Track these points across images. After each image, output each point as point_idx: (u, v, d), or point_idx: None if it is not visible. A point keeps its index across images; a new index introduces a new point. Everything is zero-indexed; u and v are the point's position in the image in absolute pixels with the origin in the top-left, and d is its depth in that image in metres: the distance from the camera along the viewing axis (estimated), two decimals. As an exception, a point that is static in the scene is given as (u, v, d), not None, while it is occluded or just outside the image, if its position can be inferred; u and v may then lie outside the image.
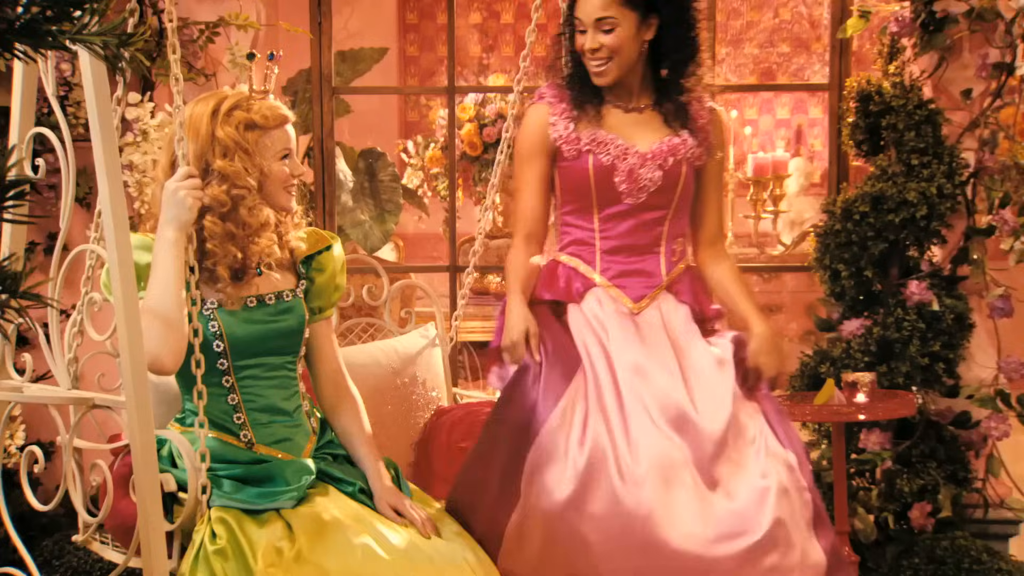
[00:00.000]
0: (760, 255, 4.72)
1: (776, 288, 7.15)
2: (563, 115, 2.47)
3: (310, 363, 2.44)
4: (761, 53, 6.52)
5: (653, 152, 2.45)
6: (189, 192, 2.19)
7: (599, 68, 2.43)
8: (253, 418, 2.31)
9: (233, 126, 2.26)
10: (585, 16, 2.42)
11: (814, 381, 3.41)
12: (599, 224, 2.49)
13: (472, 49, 7.63)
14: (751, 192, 4.18)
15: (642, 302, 2.47)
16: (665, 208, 2.49)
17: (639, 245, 2.49)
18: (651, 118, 2.50)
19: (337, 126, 4.71)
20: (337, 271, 2.44)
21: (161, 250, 2.18)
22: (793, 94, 7.53)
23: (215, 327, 2.26)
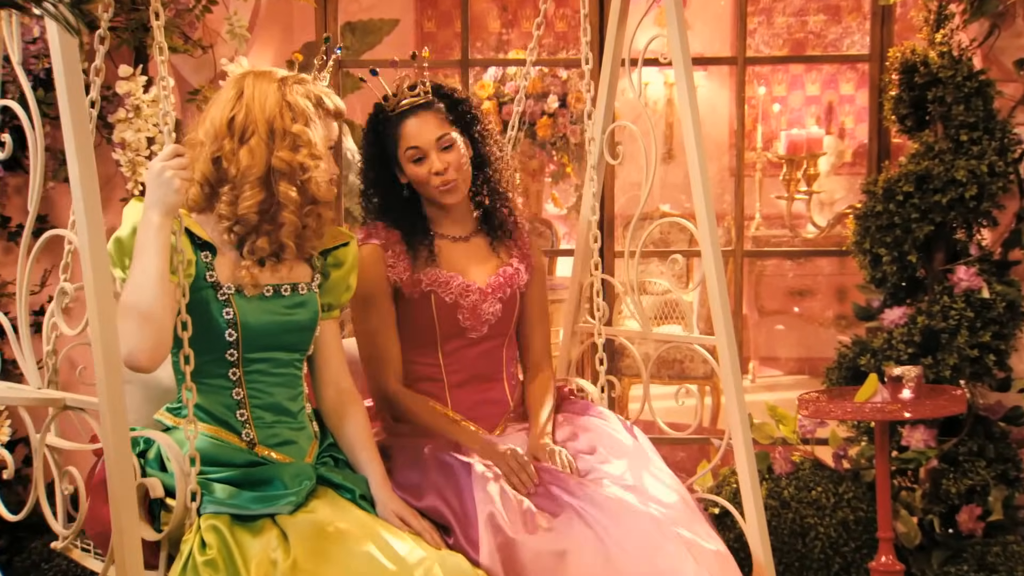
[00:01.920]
0: (794, 238, 4.48)
1: (807, 271, 6.93)
2: (400, 257, 2.47)
3: (313, 363, 2.31)
4: (795, 22, 6.25)
5: (492, 286, 2.51)
6: (177, 172, 2.00)
7: (449, 185, 2.44)
8: (257, 416, 2.17)
9: (304, 96, 2.15)
10: (423, 141, 2.43)
11: (853, 373, 3.21)
12: (444, 359, 2.51)
13: (491, 24, 7.44)
14: (784, 172, 3.96)
15: (496, 430, 2.51)
16: (503, 336, 2.55)
17: (483, 374, 2.53)
18: (478, 246, 2.55)
19: (347, 103, 4.52)
20: (352, 268, 2.33)
21: (144, 235, 1.99)
22: (824, 69, 7.31)
23: (230, 314, 2.12)
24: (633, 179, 5.92)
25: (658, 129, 7.21)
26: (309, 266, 2.26)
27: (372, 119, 2.51)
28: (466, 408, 2.51)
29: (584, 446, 2.44)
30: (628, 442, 2.44)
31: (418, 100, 2.44)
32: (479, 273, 2.52)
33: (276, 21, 4.28)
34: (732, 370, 2.65)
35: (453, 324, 2.48)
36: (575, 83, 5.88)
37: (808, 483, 3.20)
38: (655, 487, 2.29)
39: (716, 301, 2.62)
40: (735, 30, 6.90)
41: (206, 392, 2.14)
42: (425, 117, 2.43)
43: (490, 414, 2.53)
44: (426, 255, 2.48)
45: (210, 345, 2.12)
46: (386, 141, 2.47)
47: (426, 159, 2.42)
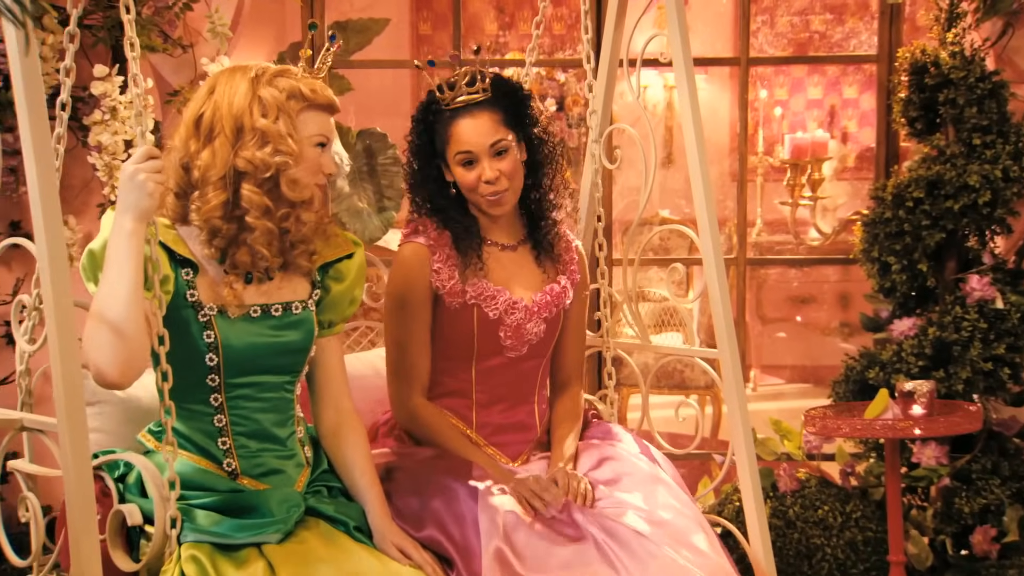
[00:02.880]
0: (799, 246, 4.36)
1: (809, 277, 6.80)
2: (447, 262, 2.29)
3: (312, 382, 2.17)
4: (799, 22, 6.12)
5: (539, 304, 2.35)
6: (150, 175, 1.85)
7: (498, 197, 2.28)
8: (240, 444, 2.03)
9: (278, 89, 1.98)
10: (476, 145, 2.25)
11: (861, 387, 3.10)
12: (476, 376, 2.34)
13: (488, 27, 7.33)
14: (788, 176, 3.84)
15: (519, 459, 2.35)
16: (542, 357, 2.40)
17: (515, 396, 2.38)
18: (525, 257, 2.39)
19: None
20: (355, 282, 2.16)
21: (115, 243, 1.85)
22: (828, 72, 7.19)
23: (210, 337, 1.98)
24: (632, 184, 5.82)
25: (657, 133, 7.11)
26: (308, 281, 2.11)
27: (423, 109, 2.31)
28: (490, 432, 2.34)
29: (607, 475, 2.27)
30: (646, 468, 2.28)
31: (475, 97, 2.25)
32: (525, 288, 2.35)
33: (267, 20, 4.15)
34: (735, 384, 2.53)
35: (493, 341, 2.31)
36: (572, 86, 5.77)
37: (814, 501, 3.08)
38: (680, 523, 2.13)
39: (719, 313, 2.49)
40: (736, 31, 6.79)
41: (186, 418, 2.01)
42: (481, 118, 2.24)
43: (515, 441, 2.36)
44: (475, 263, 2.29)
45: (190, 369, 1.98)
46: (435, 136, 2.29)
47: (477, 164, 2.25)
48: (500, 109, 2.28)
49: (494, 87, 2.28)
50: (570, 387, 2.47)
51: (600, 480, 2.25)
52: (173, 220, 2.02)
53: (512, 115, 2.30)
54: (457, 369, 2.33)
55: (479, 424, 2.34)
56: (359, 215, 3.40)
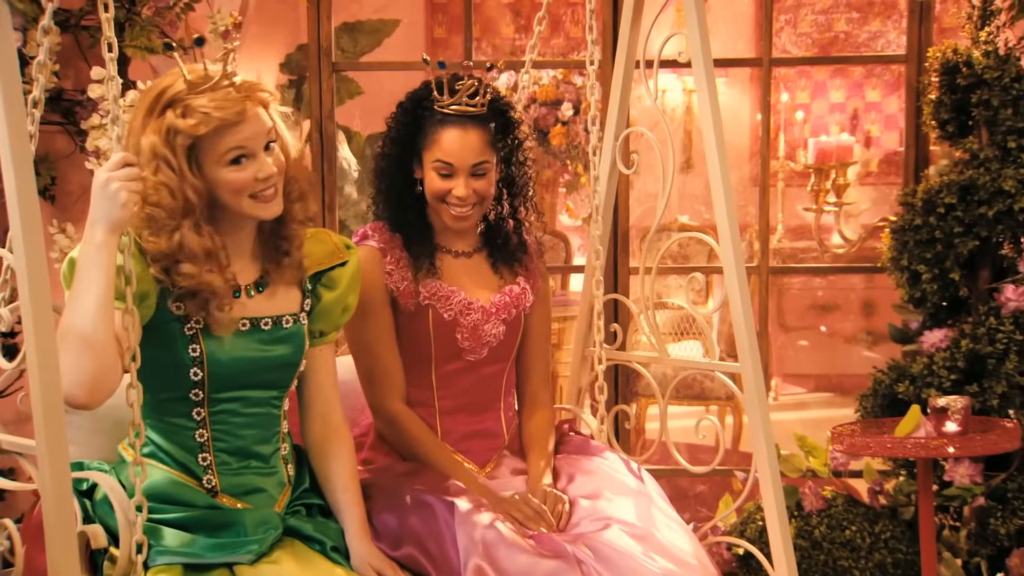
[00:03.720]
0: (823, 253, 4.22)
1: (832, 284, 6.67)
2: (399, 264, 2.25)
3: (301, 392, 2.08)
4: (823, 20, 5.98)
5: (496, 306, 2.30)
6: (123, 184, 1.75)
7: (465, 213, 2.23)
8: (221, 461, 1.95)
9: (158, 133, 1.85)
10: (460, 160, 2.20)
11: (889, 401, 2.97)
12: (437, 382, 2.28)
13: (504, 30, 7.23)
14: (812, 182, 3.71)
15: (487, 466, 2.30)
16: (504, 361, 2.34)
17: (478, 403, 2.32)
18: (480, 264, 2.34)
19: (347, 110, 4.29)
20: (349, 289, 2.08)
21: (86, 255, 1.75)
22: (850, 75, 7.05)
23: (196, 351, 1.89)
24: (650, 189, 5.69)
25: (676, 137, 6.98)
26: (299, 290, 2.02)
27: (414, 99, 2.24)
28: (456, 439, 2.29)
29: (585, 490, 2.19)
30: (632, 484, 2.19)
31: (471, 111, 2.20)
32: (482, 291, 2.31)
33: (278, 21, 4.05)
34: (758, 400, 2.41)
35: (450, 344, 2.26)
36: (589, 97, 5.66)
37: (841, 521, 2.95)
38: (665, 536, 2.05)
39: (741, 325, 2.37)
40: (756, 31, 6.68)
41: (166, 432, 1.94)
42: (471, 133, 2.19)
43: (482, 448, 2.31)
44: (427, 266, 2.26)
45: (173, 382, 1.91)
46: (418, 132, 2.22)
47: (453, 177, 2.20)
48: (490, 128, 2.22)
49: (491, 105, 2.22)
50: (538, 400, 2.40)
51: (581, 494, 2.18)
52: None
53: (499, 135, 2.25)
54: (417, 375, 2.28)
55: (444, 431, 2.28)
56: (366, 220, 3.31)
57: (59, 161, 2.92)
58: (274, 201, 1.92)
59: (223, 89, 1.86)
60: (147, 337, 1.84)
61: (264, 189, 1.89)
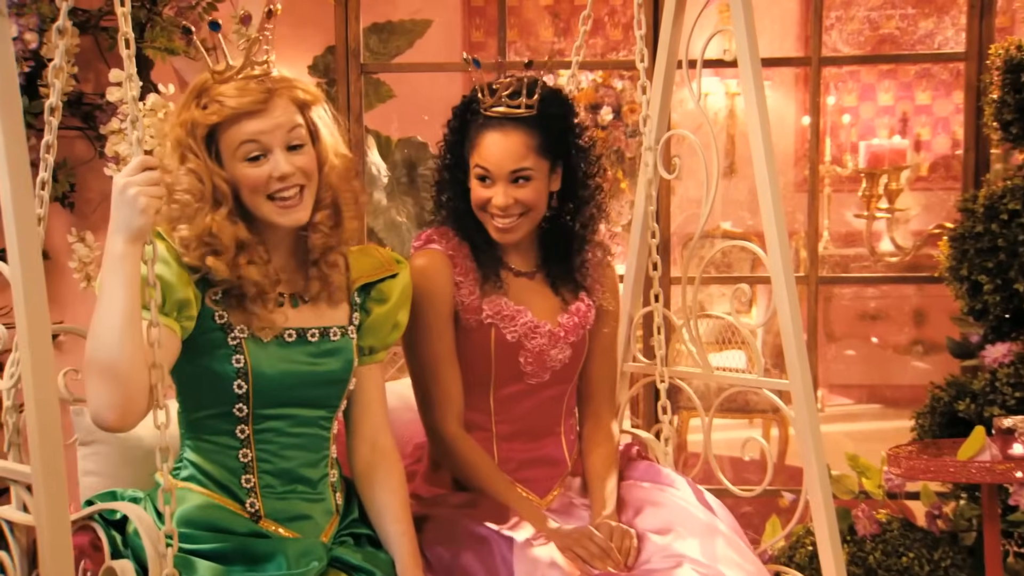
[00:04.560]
0: (876, 262, 4.05)
1: (881, 292, 6.48)
2: (467, 275, 2.09)
3: (349, 415, 1.96)
4: (877, 16, 5.78)
5: (565, 328, 2.14)
6: (143, 189, 1.63)
7: (507, 224, 2.06)
8: (266, 484, 1.84)
9: (183, 125, 1.79)
10: (495, 165, 2.03)
11: (949, 420, 2.81)
12: (495, 405, 2.12)
13: (543, 33, 7.13)
14: (863, 187, 3.55)
15: (549, 496, 2.14)
16: (567, 383, 2.19)
17: (538, 427, 2.16)
18: (540, 285, 2.17)
19: (381, 114, 4.18)
20: (401, 303, 1.95)
21: (107, 268, 1.64)
22: (898, 77, 6.88)
23: (240, 362, 1.78)
24: (692, 195, 5.53)
25: (719, 141, 6.81)
26: (347, 301, 1.91)
27: (463, 105, 2.10)
28: (515, 467, 2.12)
29: (655, 524, 2.03)
30: (704, 518, 2.03)
31: (514, 112, 2.03)
32: (545, 311, 2.14)
33: (306, 22, 3.94)
34: (809, 420, 2.27)
35: (512, 367, 2.10)
36: (630, 93, 5.58)
37: (897, 547, 2.81)
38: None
39: (790, 341, 2.23)
40: (802, 31, 6.50)
41: (208, 452, 1.83)
42: (511, 137, 2.02)
43: (543, 476, 2.15)
44: (494, 279, 2.10)
45: (215, 397, 1.80)
46: (465, 137, 2.08)
47: (492, 185, 2.04)
48: (539, 132, 2.05)
49: (541, 105, 2.04)
50: (601, 420, 2.23)
51: (649, 529, 2.02)
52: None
53: (553, 141, 2.07)
54: (474, 398, 2.12)
55: (501, 459, 2.11)
56: (397, 229, 3.20)
57: (78, 167, 2.83)
58: (297, 208, 1.80)
59: (246, 79, 1.77)
60: (187, 349, 1.75)
61: (282, 190, 1.78)
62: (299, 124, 1.80)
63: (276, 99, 1.78)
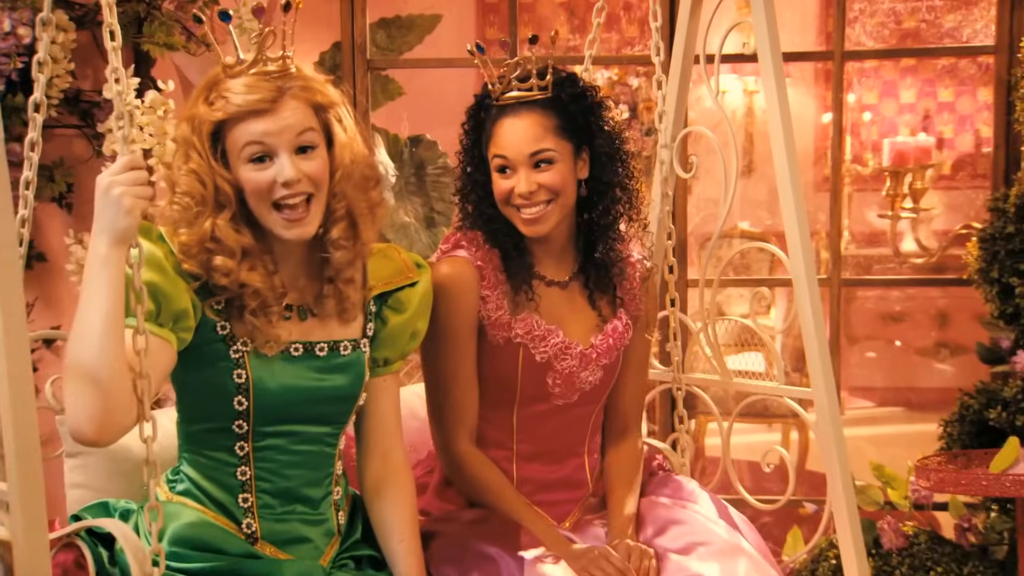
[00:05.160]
0: (902, 264, 3.93)
1: (903, 293, 6.35)
2: (496, 289, 1.96)
3: (360, 426, 1.87)
4: (903, 9, 5.65)
5: (598, 350, 2.02)
6: (128, 189, 1.54)
7: (535, 214, 1.93)
8: (264, 503, 1.75)
9: (189, 120, 1.70)
10: (513, 151, 1.92)
11: (979, 429, 2.71)
12: (517, 424, 2.02)
13: (561, 31, 7.04)
14: (888, 186, 3.44)
15: (568, 520, 2.04)
16: (596, 403, 2.08)
17: (561, 448, 2.05)
18: (575, 294, 2.04)
19: (391, 111, 4.08)
20: (420, 313, 1.85)
21: (90, 273, 1.55)
22: (920, 74, 6.74)
23: (241, 377, 1.69)
24: (709, 195, 5.43)
25: (737, 140, 6.71)
26: (361, 311, 1.80)
27: (476, 103, 1.99)
28: (534, 488, 2.02)
29: (676, 543, 1.92)
30: (727, 536, 1.92)
31: (527, 95, 1.92)
32: (578, 328, 2.02)
33: (311, 17, 3.85)
34: (832, 428, 2.17)
35: (539, 387, 2.00)
36: (646, 91, 5.49)
37: (925, 561, 2.73)
38: None
39: (813, 348, 2.13)
40: (822, 26, 6.37)
41: (204, 467, 1.75)
42: (526, 120, 1.91)
43: (563, 499, 2.05)
44: (525, 293, 1.97)
45: (214, 412, 1.71)
46: (482, 132, 1.97)
47: (513, 173, 1.93)
48: (556, 113, 1.93)
49: (556, 86, 1.93)
50: (628, 435, 2.13)
51: (670, 549, 1.91)
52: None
53: (573, 122, 1.95)
54: (495, 415, 2.01)
55: (520, 479, 2.01)
56: (405, 230, 3.11)
57: (76, 167, 2.74)
58: (303, 221, 1.69)
59: (257, 75, 1.67)
60: (186, 359, 1.66)
61: (288, 198, 1.67)
62: (310, 127, 1.69)
63: (287, 99, 1.67)
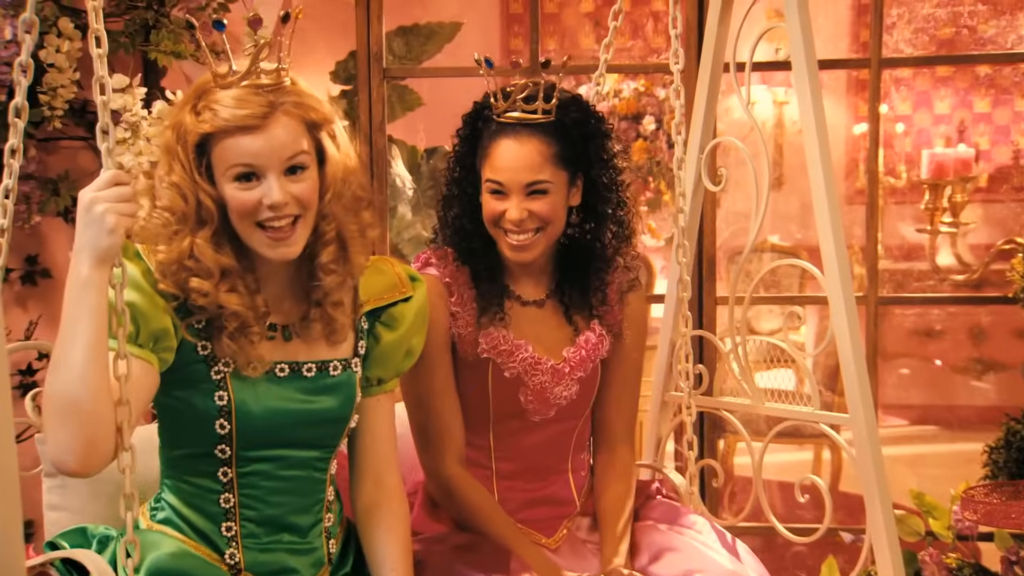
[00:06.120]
0: (942, 281, 3.77)
1: (937, 307, 6.19)
2: (465, 305, 1.92)
3: (353, 448, 1.78)
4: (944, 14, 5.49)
5: (571, 363, 1.95)
6: (111, 207, 1.46)
7: (522, 242, 1.88)
8: (248, 532, 1.66)
9: (174, 128, 1.61)
10: (509, 177, 1.86)
11: (1025, 456, 2.54)
12: (495, 442, 1.96)
13: (584, 41, 6.95)
14: (927, 199, 3.30)
15: (557, 535, 1.98)
16: (577, 419, 2.01)
17: (542, 465, 1.99)
18: (551, 313, 1.99)
19: (409, 123, 3.99)
20: (415, 329, 1.76)
21: (71, 295, 1.46)
22: (956, 84, 6.59)
23: (223, 399, 1.61)
24: (739, 208, 5.30)
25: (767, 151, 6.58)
26: (351, 328, 1.71)
27: (474, 111, 1.92)
28: (516, 507, 1.95)
29: (672, 570, 1.83)
30: (728, 564, 1.83)
31: (530, 117, 1.85)
32: (552, 345, 1.95)
33: (327, 25, 3.76)
34: (873, 458, 2.06)
35: (512, 404, 1.93)
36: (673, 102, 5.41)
37: (969, 596, 2.54)
38: None
39: (851, 373, 2.02)
40: (853, 34, 6.22)
41: (185, 495, 1.66)
42: (527, 146, 1.85)
43: (547, 517, 1.97)
44: (494, 311, 1.91)
45: (195, 436, 1.62)
46: (477, 145, 1.90)
47: (505, 198, 1.86)
48: (557, 140, 1.86)
49: (560, 109, 1.86)
50: (616, 452, 2.03)
51: None
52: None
53: (572, 150, 1.88)
54: (473, 435, 1.95)
55: (501, 499, 1.94)
56: (423, 245, 3.01)
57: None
58: (289, 240, 1.60)
59: (248, 88, 1.57)
60: (167, 381, 1.58)
61: (273, 220, 1.58)
62: (302, 149, 1.60)
63: (279, 115, 1.58)
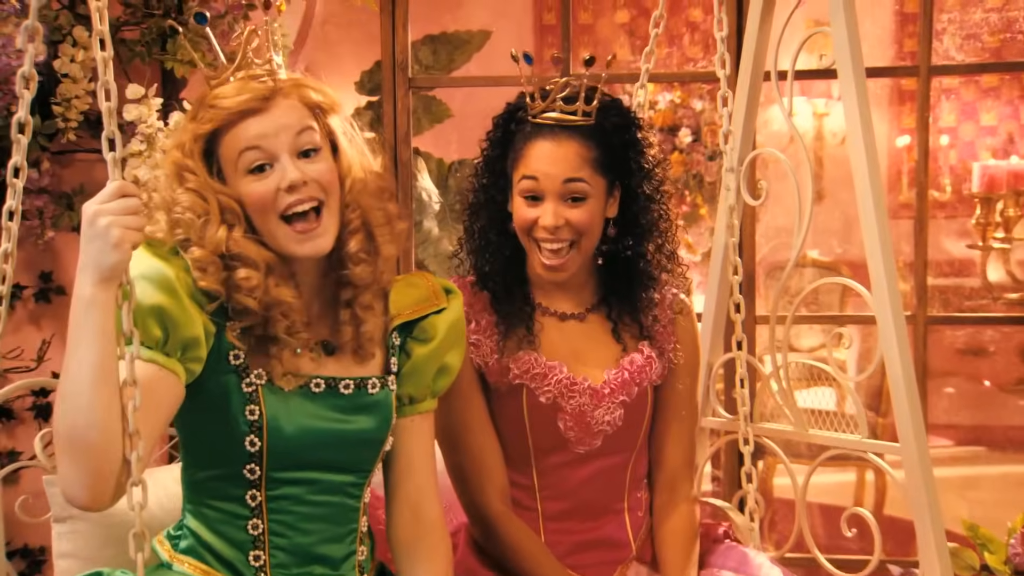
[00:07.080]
0: (996, 300, 3.63)
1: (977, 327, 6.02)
2: (486, 332, 1.81)
3: (388, 476, 1.68)
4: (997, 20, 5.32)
5: (611, 384, 1.83)
6: (117, 220, 1.36)
7: (557, 258, 1.78)
8: (278, 562, 1.56)
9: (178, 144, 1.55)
10: (546, 176, 1.75)
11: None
12: (538, 479, 1.83)
13: (619, 52, 6.86)
14: (978, 213, 3.14)
15: None
16: (628, 451, 1.88)
17: (594, 504, 1.85)
18: (596, 327, 1.88)
19: (439, 135, 3.88)
20: (449, 344, 1.65)
21: (75, 318, 1.36)
22: (1003, 95, 6.42)
23: (254, 413, 1.51)
24: (779, 223, 5.16)
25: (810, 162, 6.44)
26: (382, 344, 1.61)
27: (507, 113, 1.82)
28: (565, 551, 1.81)
29: None
30: None
31: (569, 119, 1.76)
32: (593, 363, 1.83)
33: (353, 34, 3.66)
34: (926, 491, 1.94)
35: (551, 433, 1.81)
36: (710, 115, 5.35)
37: (1027, 635, 2.39)
38: None
39: (902, 399, 1.89)
40: (900, 41, 6.07)
41: (210, 521, 1.56)
42: (565, 146, 1.75)
43: (600, 561, 1.84)
44: (522, 333, 1.80)
45: (223, 455, 1.53)
46: (509, 149, 1.80)
47: (540, 202, 1.75)
48: (596, 144, 1.76)
49: (600, 112, 1.75)
50: (677, 492, 1.91)
51: None
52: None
53: (611, 157, 1.78)
54: (514, 472, 1.83)
55: (549, 543, 1.80)
56: (449, 263, 2.91)
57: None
58: (316, 232, 1.52)
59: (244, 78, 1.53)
60: (193, 394, 1.48)
61: (295, 205, 1.50)
62: (310, 126, 1.53)
63: (280, 97, 1.52)
